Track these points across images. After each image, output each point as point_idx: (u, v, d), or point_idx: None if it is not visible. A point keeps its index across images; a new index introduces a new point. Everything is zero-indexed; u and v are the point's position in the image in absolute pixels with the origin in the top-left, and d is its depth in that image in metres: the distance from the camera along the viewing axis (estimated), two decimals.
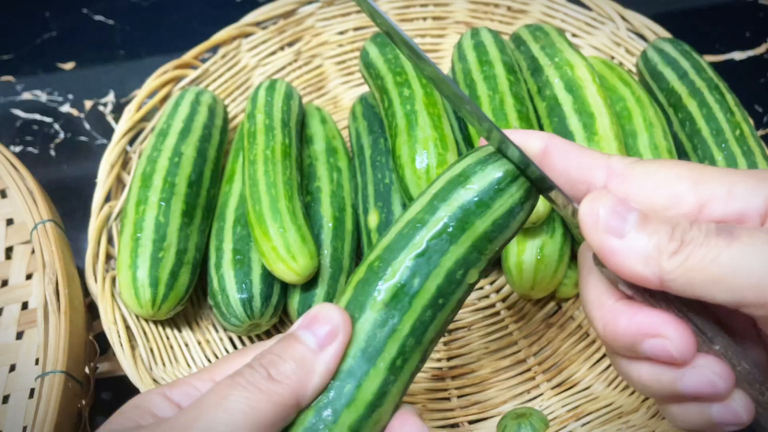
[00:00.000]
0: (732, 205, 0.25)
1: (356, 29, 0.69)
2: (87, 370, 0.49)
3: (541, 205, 0.47)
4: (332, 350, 0.27)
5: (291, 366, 0.27)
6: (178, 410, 0.28)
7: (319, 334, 0.27)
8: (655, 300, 0.27)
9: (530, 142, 0.29)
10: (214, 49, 0.64)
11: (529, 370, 0.52)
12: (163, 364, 0.49)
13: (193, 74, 0.62)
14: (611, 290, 0.28)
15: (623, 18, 0.63)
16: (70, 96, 0.75)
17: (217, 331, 0.53)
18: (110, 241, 0.53)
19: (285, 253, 0.47)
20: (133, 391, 0.46)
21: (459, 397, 0.52)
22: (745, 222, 0.25)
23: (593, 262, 0.29)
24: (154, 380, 0.47)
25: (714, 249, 0.23)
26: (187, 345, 0.52)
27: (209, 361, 0.52)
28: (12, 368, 0.46)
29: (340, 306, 0.29)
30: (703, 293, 0.24)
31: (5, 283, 0.51)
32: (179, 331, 0.52)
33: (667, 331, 0.25)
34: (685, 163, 0.27)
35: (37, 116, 0.73)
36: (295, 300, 0.50)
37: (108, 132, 0.71)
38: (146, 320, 0.51)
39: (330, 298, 0.50)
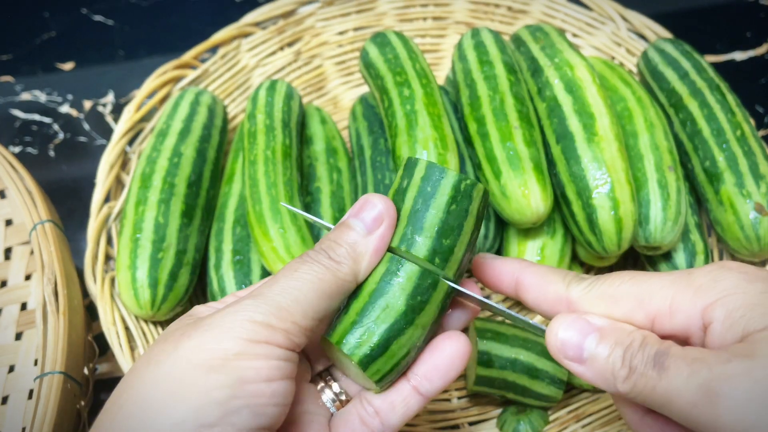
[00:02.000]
0: (676, 320, 0.27)
1: (356, 29, 0.69)
2: (86, 371, 0.48)
3: (542, 204, 0.47)
4: (379, 233, 0.31)
5: (345, 250, 0.31)
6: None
7: (367, 220, 0.31)
8: None
9: (503, 280, 0.34)
10: (213, 50, 0.64)
11: None
12: None
13: (192, 74, 0.62)
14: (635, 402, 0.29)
15: (624, 18, 0.63)
16: (70, 96, 0.75)
17: None
18: (109, 241, 0.53)
19: (285, 254, 0.46)
20: None
21: (459, 398, 0.51)
22: (690, 336, 0.27)
23: None
24: None
25: (651, 380, 0.26)
26: None
27: None
28: (11, 369, 0.46)
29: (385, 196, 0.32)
30: (658, 410, 0.26)
31: (4, 283, 0.51)
32: None
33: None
34: (630, 278, 0.29)
35: (37, 116, 0.73)
36: None
37: (107, 132, 0.71)
38: (146, 321, 0.50)
39: None
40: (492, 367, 0.47)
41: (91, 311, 0.52)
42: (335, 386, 0.33)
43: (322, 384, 0.34)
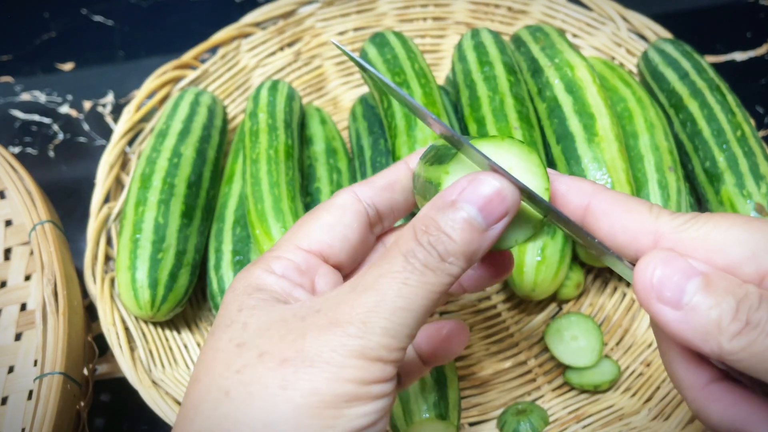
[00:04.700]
0: None
1: (356, 30, 0.69)
2: (86, 371, 0.48)
3: None
4: (499, 228, 0.26)
5: (460, 246, 0.25)
6: (300, 288, 0.29)
7: (492, 217, 0.26)
8: None
9: (571, 201, 0.28)
10: (213, 50, 0.64)
11: (530, 371, 0.52)
12: (162, 366, 0.49)
13: (192, 75, 0.62)
14: (700, 365, 0.25)
15: (624, 18, 0.63)
16: (69, 97, 0.75)
17: None
18: (109, 242, 0.53)
19: None
20: (132, 392, 0.46)
21: (460, 399, 0.51)
22: None
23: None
24: (153, 382, 0.47)
25: None
26: (186, 347, 0.52)
27: None
28: (10, 369, 0.46)
29: (513, 180, 0.26)
30: (765, 378, 0.22)
31: (4, 284, 0.51)
32: (178, 332, 0.52)
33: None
34: (744, 223, 0.24)
35: (36, 117, 0.73)
36: None
37: (107, 133, 0.71)
38: (145, 322, 0.50)
39: None
40: None
41: (90, 312, 0.52)
42: None
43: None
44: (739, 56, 0.73)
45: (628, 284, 0.53)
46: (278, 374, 0.25)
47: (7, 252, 0.52)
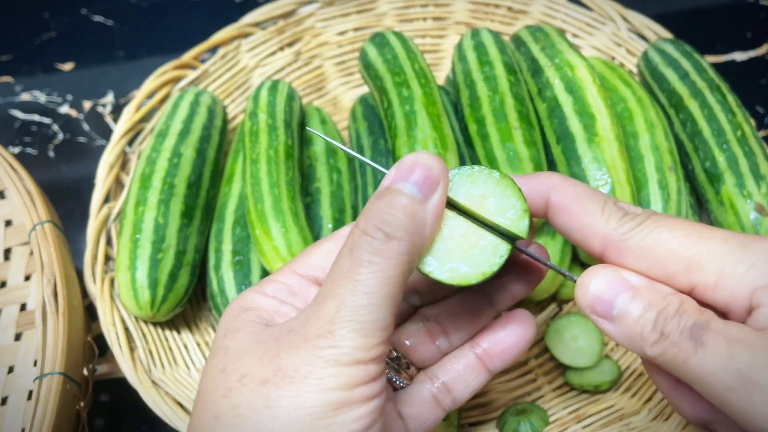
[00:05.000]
0: (720, 294, 0.25)
1: (356, 30, 0.69)
2: (86, 371, 0.48)
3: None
4: (438, 198, 0.27)
5: (403, 219, 0.26)
6: (289, 305, 0.29)
7: (425, 186, 0.27)
8: None
9: (533, 199, 0.30)
10: (213, 50, 0.64)
11: (530, 371, 0.52)
12: (162, 366, 0.49)
13: (192, 75, 0.62)
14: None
15: (624, 18, 0.63)
16: (69, 97, 0.75)
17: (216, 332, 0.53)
18: (109, 242, 0.53)
19: (287, 253, 0.46)
20: (132, 393, 0.46)
21: None
22: (731, 312, 0.25)
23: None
24: (153, 382, 0.47)
25: (683, 352, 0.24)
26: (186, 347, 0.52)
27: None
28: (10, 370, 0.46)
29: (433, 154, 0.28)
30: (690, 385, 0.25)
31: (4, 284, 0.51)
32: (178, 332, 0.52)
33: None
34: (685, 236, 0.26)
35: (36, 117, 0.73)
36: None
37: (107, 133, 0.71)
38: (145, 322, 0.50)
39: None
40: None
41: (90, 312, 0.52)
42: (392, 353, 0.32)
43: None
44: (739, 56, 0.73)
45: None
46: (261, 394, 0.25)
47: (7, 252, 0.52)
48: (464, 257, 0.28)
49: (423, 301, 0.35)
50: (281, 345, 0.26)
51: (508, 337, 0.33)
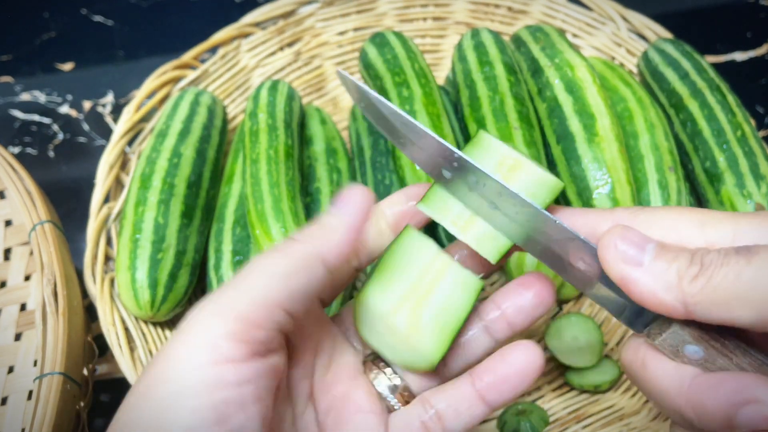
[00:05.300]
0: (739, 245, 0.25)
1: (356, 30, 0.69)
2: (86, 371, 0.48)
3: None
4: (350, 208, 0.28)
5: (312, 228, 0.28)
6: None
7: (338, 203, 0.29)
8: (728, 350, 0.25)
9: None
10: (213, 50, 0.64)
11: None
12: None
13: (192, 75, 0.62)
14: (681, 371, 0.26)
15: (624, 18, 0.63)
16: (69, 97, 0.74)
17: None
18: (109, 242, 0.53)
19: None
20: None
21: None
22: None
23: (645, 341, 0.28)
24: None
25: (735, 267, 0.23)
26: None
27: None
28: (10, 370, 0.46)
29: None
30: (729, 314, 0.24)
31: (4, 284, 0.51)
32: None
33: (759, 393, 0.23)
34: (689, 208, 0.27)
35: (36, 117, 0.73)
36: None
37: (107, 133, 0.71)
38: (145, 322, 0.50)
39: None
40: None
41: (90, 312, 0.51)
42: (388, 371, 0.32)
43: (375, 370, 0.32)
44: (739, 56, 0.73)
45: None
46: (164, 355, 0.27)
47: (7, 252, 0.52)
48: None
49: None
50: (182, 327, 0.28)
51: (507, 368, 0.31)
